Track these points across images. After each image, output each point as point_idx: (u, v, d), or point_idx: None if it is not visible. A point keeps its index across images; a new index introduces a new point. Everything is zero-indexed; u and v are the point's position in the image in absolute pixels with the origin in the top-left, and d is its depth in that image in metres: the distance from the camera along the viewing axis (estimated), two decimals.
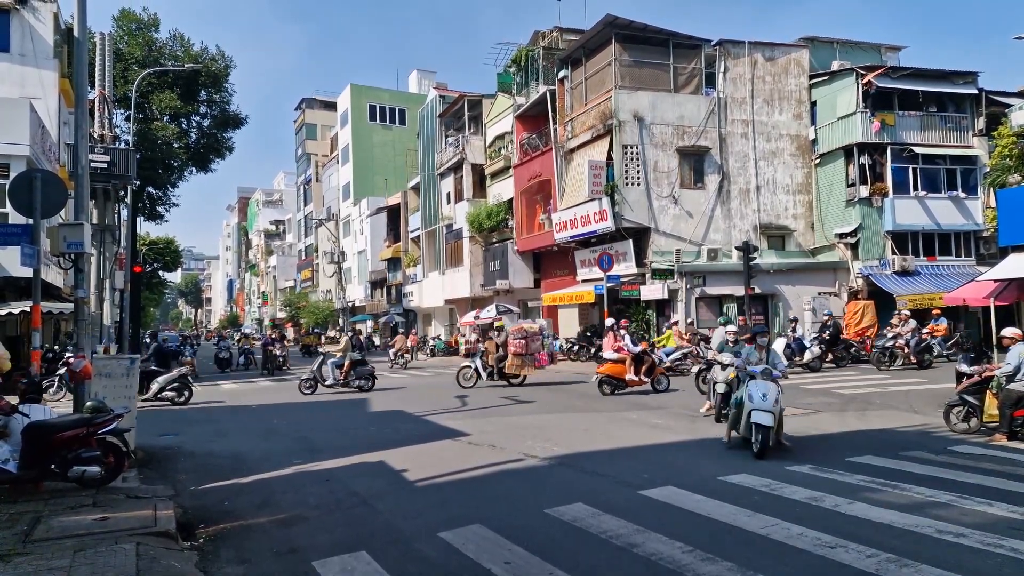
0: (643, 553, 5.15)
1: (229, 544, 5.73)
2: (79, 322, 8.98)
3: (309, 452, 9.60)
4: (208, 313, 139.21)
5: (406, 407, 14.20)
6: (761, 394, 8.53)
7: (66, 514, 6.13)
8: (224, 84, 32.99)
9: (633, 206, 23.94)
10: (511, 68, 32.85)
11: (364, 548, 5.41)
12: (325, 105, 71.15)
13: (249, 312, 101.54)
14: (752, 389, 8.64)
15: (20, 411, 7.13)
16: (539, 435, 10.33)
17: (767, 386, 8.61)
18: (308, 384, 17.44)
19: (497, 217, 32.18)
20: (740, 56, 25.86)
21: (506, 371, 17.68)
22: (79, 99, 9.29)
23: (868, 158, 24.85)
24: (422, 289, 41.43)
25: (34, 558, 4.96)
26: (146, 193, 32.68)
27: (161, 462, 9.17)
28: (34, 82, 19.82)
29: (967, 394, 9.97)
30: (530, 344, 17.55)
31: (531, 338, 17.61)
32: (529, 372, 17.81)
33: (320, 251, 65.36)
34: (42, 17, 20.27)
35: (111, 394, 8.63)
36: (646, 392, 15.16)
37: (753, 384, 8.71)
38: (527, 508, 6.43)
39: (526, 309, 32.60)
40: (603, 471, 7.92)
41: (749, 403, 8.57)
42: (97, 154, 20.96)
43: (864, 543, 5.22)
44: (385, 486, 7.54)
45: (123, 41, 30.23)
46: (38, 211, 8.19)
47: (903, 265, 24.06)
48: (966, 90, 25.78)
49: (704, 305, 24.20)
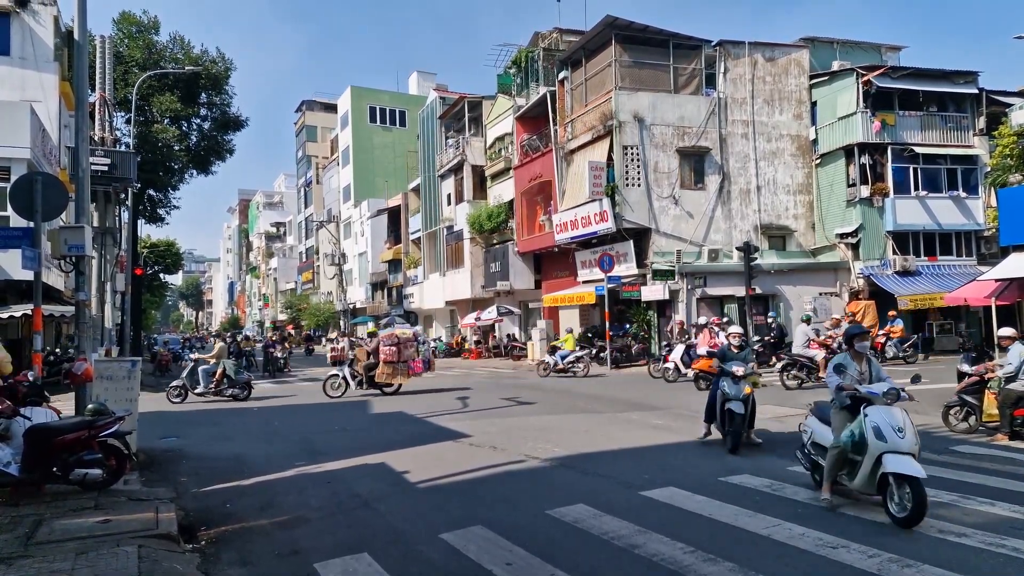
0: (644, 554, 5.15)
1: (231, 546, 5.73)
2: (80, 325, 8.99)
3: (311, 454, 9.60)
4: (209, 315, 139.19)
5: (407, 409, 14.20)
6: (894, 427, 5.89)
7: (68, 517, 6.13)
8: (224, 86, 33.03)
9: (634, 207, 23.94)
10: (511, 69, 32.87)
11: (366, 549, 5.42)
12: (325, 107, 71.24)
13: (250, 314, 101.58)
14: (877, 420, 5.96)
15: (22, 414, 7.14)
16: (540, 436, 10.33)
17: (895, 415, 6.00)
18: (177, 392, 16.66)
19: (498, 218, 32.20)
20: (740, 56, 25.86)
21: (376, 380, 16.72)
22: (79, 102, 9.30)
23: (869, 158, 24.84)
24: (423, 291, 41.45)
25: (36, 561, 4.96)
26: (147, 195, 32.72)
27: (163, 464, 9.17)
28: (35, 85, 19.83)
29: (966, 394, 9.97)
30: (403, 351, 16.59)
31: (404, 344, 16.67)
32: (403, 381, 16.90)
33: (321, 253, 65.41)
34: (42, 20, 20.28)
35: (112, 397, 8.65)
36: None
37: (876, 413, 6.02)
38: (528, 509, 6.43)
39: (527, 310, 32.64)
40: (604, 472, 7.92)
41: (879, 443, 5.87)
42: (98, 157, 21.00)
43: (866, 543, 5.22)
44: (387, 488, 7.55)
45: (123, 44, 30.27)
46: (39, 214, 8.20)
47: (904, 265, 24.04)
48: (966, 90, 25.78)
49: (705, 306, 24.18)
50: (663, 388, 16.70)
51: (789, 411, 12.10)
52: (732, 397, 8.91)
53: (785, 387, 15.37)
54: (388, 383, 16.82)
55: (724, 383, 9.08)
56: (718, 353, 9.74)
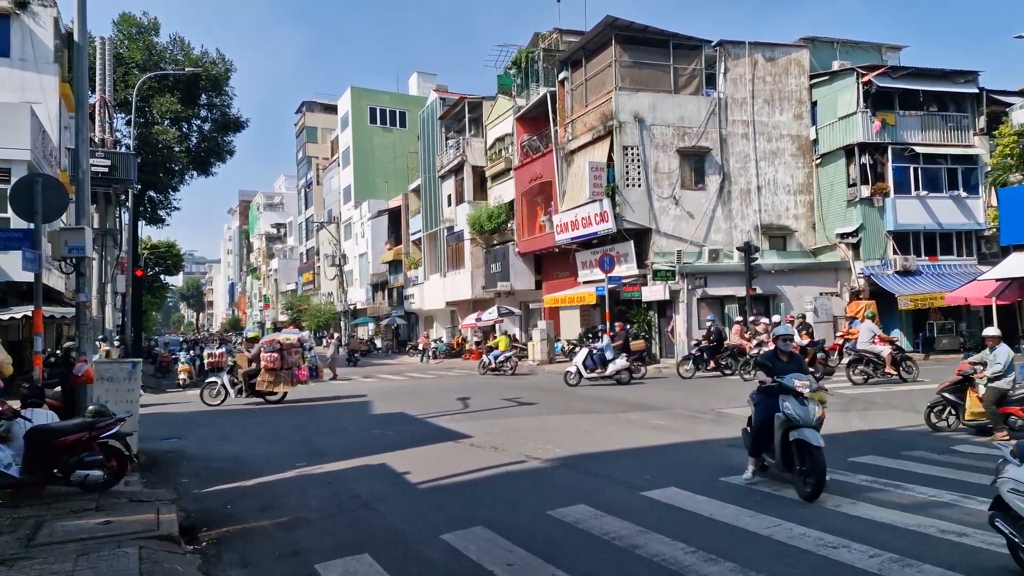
0: (645, 554, 5.15)
1: (232, 547, 5.73)
2: (81, 326, 8.99)
3: (311, 455, 9.60)
4: (210, 316, 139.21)
5: (408, 409, 14.21)
6: None
7: (69, 518, 6.13)
8: (224, 87, 33.08)
9: (634, 207, 23.94)
10: (511, 70, 32.88)
11: (366, 550, 5.42)
12: (325, 108, 71.25)
13: (251, 315, 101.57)
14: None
15: (22, 415, 7.14)
16: (540, 437, 10.33)
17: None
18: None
19: (498, 219, 32.20)
20: (740, 56, 25.86)
21: (258, 388, 16.01)
22: (80, 103, 9.31)
23: (869, 158, 24.82)
24: (423, 291, 41.45)
25: (37, 562, 4.96)
26: (147, 197, 32.77)
27: (163, 466, 9.18)
28: (35, 87, 19.84)
29: (948, 392, 9.98)
30: (286, 358, 15.91)
31: (287, 351, 15.99)
32: (287, 389, 16.21)
33: (321, 254, 65.41)
34: (42, 22, 20.29)
35: (113, 398, 8.65)
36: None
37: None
38: (529, 510, 6.43)
39: (527, 311, 32.63)
40: (605, 472, 7.92)
41: None
42: (98, 158, 21.02)
43: (867, 543, 5.21)
44: (387, 488, 7.55)
45: (123, 45, 30.31)
46: (39, 216, 8.20)
47: (904, 265, 24.03)
48: (967, 89, 25.76)
49: (706, 306, 24.18)
50: (664, 388, 16.69)
51: None
52: (802, 423, 6.62)
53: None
54: (271, 391, 16.10)
55: (787, 404, 6.75)
56: (763, 362, 7.49)
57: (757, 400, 7.38)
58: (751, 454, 7.29)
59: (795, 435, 6.56)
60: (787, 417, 6.70)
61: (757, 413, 7.28)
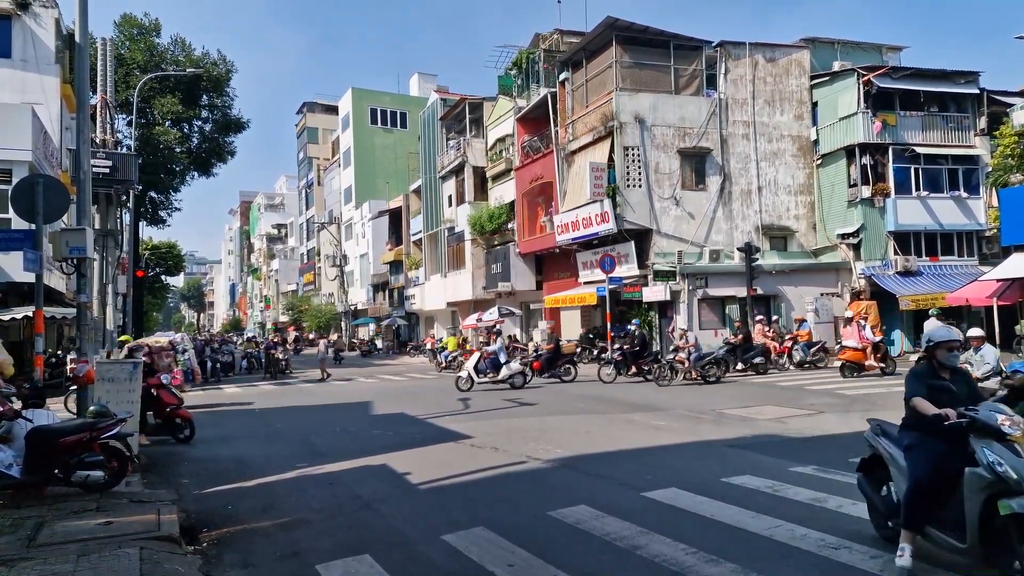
0: (647, 555, 5.14)
1: (232, 548, 5.73)
2: (82, 327, 9.00)
3: (312, 455, 9.60)
4: (211, 317, 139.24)
5: (408, 410, 14.21)
6: None
7: (70, 519, 6.13)
8: (225, 88, 33.13)
9: (635, 208, 23.93)
10: (512, 71, 32.89)
11: (367, 551, 5.41)
12: (326, 109, 71.31)
13: (252, 316, 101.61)
14: None
15: (23, 416, 7.14)
16: (541, 437, 10.32)
17: None
18: None
19: (499, 219, 32.21)
20: (741, 57, 25.86)
21: None
22: (81, 104, 9.32)
23: (870, 158, 24.80)
24: (424, 292, 41.46)
25: (38, 563, 4.96)
26: (148, 198, 32.80)
27: (164, 466, 9.17)
28: (36, 87, 19.88)
29: None
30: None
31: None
32: None
33: (322, 255, 65.43)
34: (44, 23, 20.32)
35: (114, 399, 8.65)
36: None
37: None
38: (530, 510, 6.42)
39: (528, 311, 32.64)
40: (606, 473, 7.91)
41: None
42: (99, 159, 21.04)
43: (868, 544, 5.20)
44: (388, 489, 7.54)
45: (124, 46, 30.35)
46: (40, 216, 8.21)
47: (905, 265, 24.01)
48: (967, 90, 25.74)
49: (706, 306, 24.18)
50: (663, 389, 16.68)
51: (788, 411, 12.08)
52: (1020, 486, 4.00)
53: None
54: None
55: (991, 454, 4.16)
56: (920, 383, 5.02)
57: (912, 442, 4.85)
58: (908, 527, 4.63)
59: (1014, 506, 3.95)
60: (997, 476, 4.08)
61: (917, 463, 4.68)
